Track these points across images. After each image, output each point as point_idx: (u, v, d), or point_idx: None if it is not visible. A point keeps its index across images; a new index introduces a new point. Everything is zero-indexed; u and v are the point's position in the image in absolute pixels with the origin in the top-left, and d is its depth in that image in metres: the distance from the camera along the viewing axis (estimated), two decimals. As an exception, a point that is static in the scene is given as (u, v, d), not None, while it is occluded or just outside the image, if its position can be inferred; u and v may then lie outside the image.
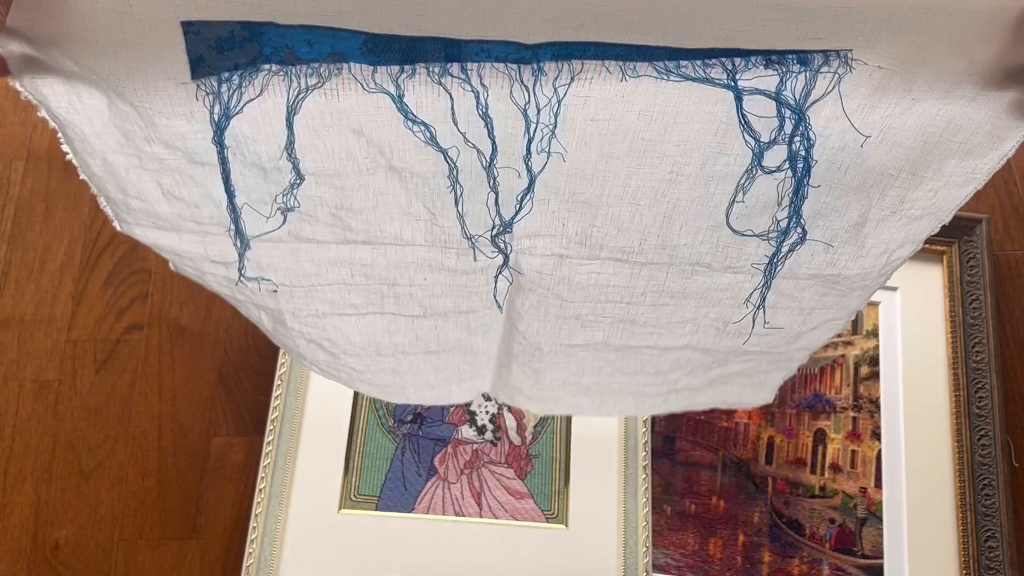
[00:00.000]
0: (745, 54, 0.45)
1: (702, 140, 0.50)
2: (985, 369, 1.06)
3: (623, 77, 0.46)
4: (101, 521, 1.04)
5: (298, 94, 0.46)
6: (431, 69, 0.45)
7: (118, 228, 0.57)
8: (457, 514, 1.04)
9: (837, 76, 0.47)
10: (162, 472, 1.06)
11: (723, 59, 0.46)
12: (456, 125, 0.48)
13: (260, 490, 1.02)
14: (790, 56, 0.46)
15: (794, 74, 0.47)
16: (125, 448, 1.08)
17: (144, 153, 0.50)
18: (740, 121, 0.49)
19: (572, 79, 0.46)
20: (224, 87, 0.46)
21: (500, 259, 0.58)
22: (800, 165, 0.51)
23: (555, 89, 0.47)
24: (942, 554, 1.01)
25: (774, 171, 0.51)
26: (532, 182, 0.52)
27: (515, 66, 0.45)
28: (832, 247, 0.57)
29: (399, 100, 0.47)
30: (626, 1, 0.42)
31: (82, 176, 0.53)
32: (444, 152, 0.50)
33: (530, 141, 0.49)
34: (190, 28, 0.43)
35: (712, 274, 0.59)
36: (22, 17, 0.43)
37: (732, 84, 0.47)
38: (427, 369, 0.71)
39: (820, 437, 1.08)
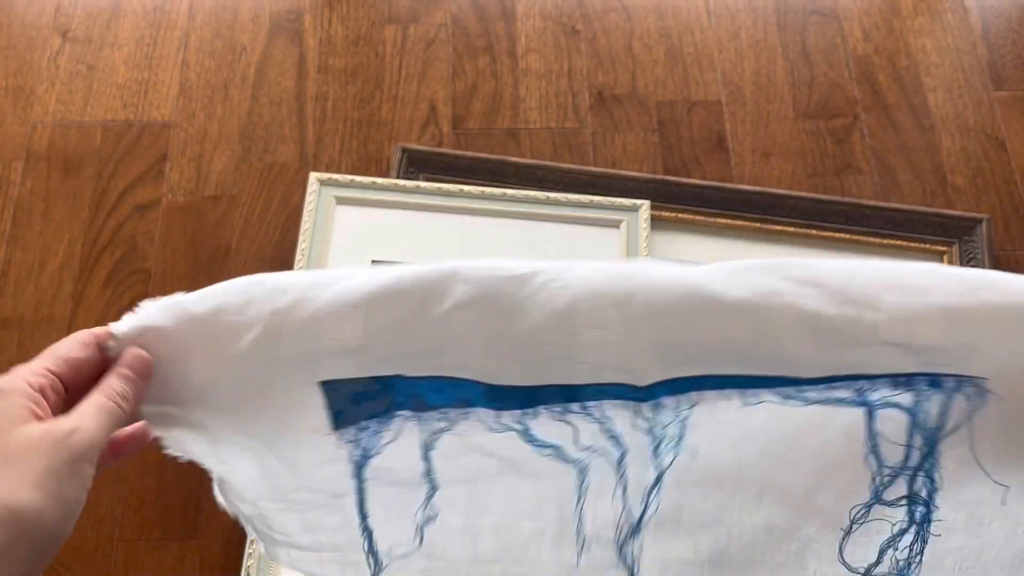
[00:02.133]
0: (871, 378, 0.42)
1: (836, 464, 0.46)
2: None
3: (743, 404, 0.45)
4: (100, 521, 1.04)
5: (431, 435, 0.50)
6: (552, 409, 0.47)
7: (263, 552, 0.61)
8: (457, 514, 1.03)
9: (971, 407, 0.41)
10: (162, 472, 1.06)
11: (847, 383, 0.43)
12: (581, 444, 0.49)
13: (260, 490, 1.02)
14: (919, 378, 0.42)
15: (926, 395, 0.42)
16: (125, 448, 1.07)
17: (291, 500, 0.53)
18: (867, 439, 0.44)
19: (692, 406, 0.46)
20: (363, 434, 0.49)
21: (625, 573, 0.56)
22: (920, 510, 0.46)
23: (678, 413, 0.47)
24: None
25: (891, 505, 0.47)
26: (660, 477, 0.51)
27: (632, 403, 0.46)
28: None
29: (525, 434, 0.49)
30: (730, 341, 0.42)
31: (232, 513, 0.56)
32: (573, 462, 0.51)
33: (657, 446, 0.49)
34: (328, 386, 0.47)
35: None
36: (169, 395, 0.46)
37: (862, 400, 0.43)
38: None
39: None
